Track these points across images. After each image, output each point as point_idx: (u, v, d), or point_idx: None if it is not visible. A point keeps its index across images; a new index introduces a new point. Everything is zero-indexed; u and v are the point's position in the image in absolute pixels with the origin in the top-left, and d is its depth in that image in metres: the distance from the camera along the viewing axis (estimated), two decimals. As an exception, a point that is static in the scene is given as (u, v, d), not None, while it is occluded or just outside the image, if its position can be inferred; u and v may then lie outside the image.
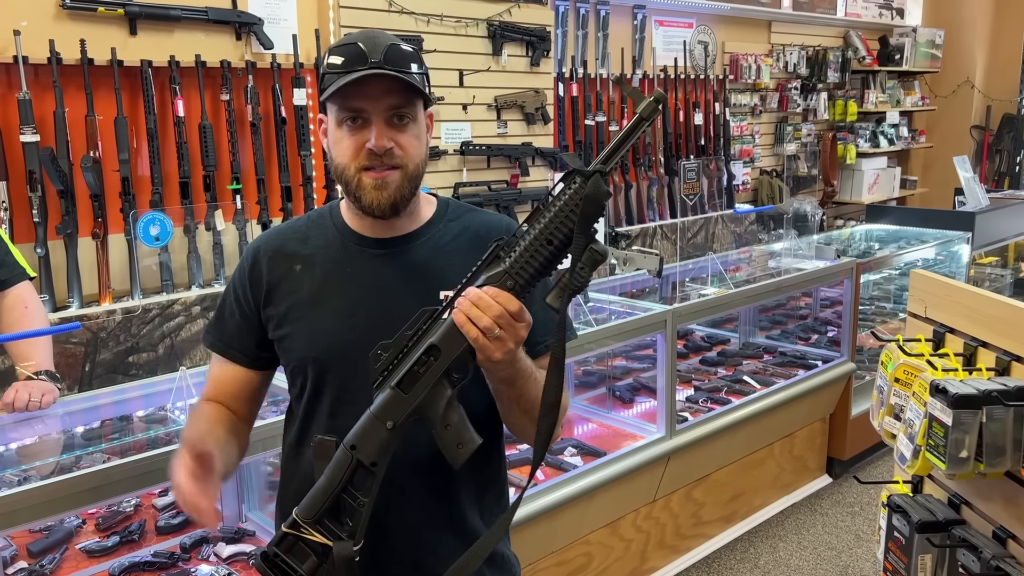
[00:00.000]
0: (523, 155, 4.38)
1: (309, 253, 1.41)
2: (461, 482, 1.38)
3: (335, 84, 1.28)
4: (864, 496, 3.91)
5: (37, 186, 2.95)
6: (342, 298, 1.37)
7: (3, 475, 1.96)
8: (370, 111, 1.29)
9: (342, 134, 1.31)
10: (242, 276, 1.45)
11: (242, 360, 1.46)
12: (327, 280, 1.39)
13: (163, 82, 3.26)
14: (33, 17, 2.96)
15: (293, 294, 1.40)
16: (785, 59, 6.25)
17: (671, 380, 3.06)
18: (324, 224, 1.45)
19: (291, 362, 1.41)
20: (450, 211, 1.46)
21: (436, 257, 1.39)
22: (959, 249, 5.00)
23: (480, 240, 1.40)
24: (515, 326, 1.15)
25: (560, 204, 1.14)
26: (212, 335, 1.48)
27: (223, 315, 1.47)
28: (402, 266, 1.38)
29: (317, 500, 1.20)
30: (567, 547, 2.81)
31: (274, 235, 1.47)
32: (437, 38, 3.97)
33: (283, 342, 1.40)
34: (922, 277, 1.78)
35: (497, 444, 1.47)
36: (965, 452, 1.36)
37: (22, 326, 2.19)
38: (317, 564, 1.20)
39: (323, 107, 1.36)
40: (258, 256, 1.44)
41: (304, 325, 1.38)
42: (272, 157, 3.57)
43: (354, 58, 1.28)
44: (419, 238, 1.41)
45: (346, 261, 1.40)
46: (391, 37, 1.33)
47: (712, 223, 5.55)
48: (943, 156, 7.31)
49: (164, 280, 3.27)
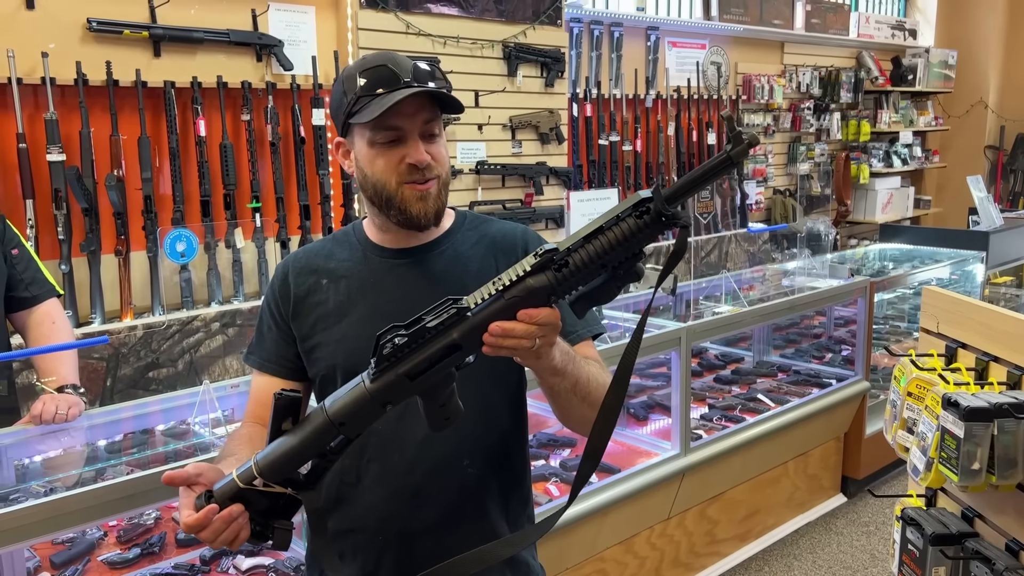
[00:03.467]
0: (537, 174, 4.43)
1: (334, 267, 1.46)
2: (485, 485, 1.41)
3: (376, 105, 1.30)
4: (879, 515, 3.89)
5: (62, 204, 3.02)
6: (367, 307, 1.41)
7: (29, 486, 2.00)
8: (406, 129, 1.33)
9: (376, 152, 1.35)
10: (273, 293, 1.50)
11: (282, 372, 1.49)
12: (351, 291, 1.43)
13: (185, 103, 3.33)
14: (61, 39, 3.04)
15: (320, 306, 1.44)
16: (798, 79, 6.28)
17: (685, 398, 3.08)
18: (348, 241, 1.50)
19: (320, 372, 1.44)
20: (468, 221, 1.51)
21: (455, 264, 1.44)
22: (973, 269, 5.00)
23: (497, 247, 1.46)
24: (548, 335, 1.13)
25: (626, 232, 1.08)
26: (254, 354, 1.52)
27: (262, 332, 1.52)
28: (424, 274, 1.43)
29: (287, 463, 1.15)
30: (582, 564, 2.82)
31: (301, 253, 1.53)
32: (453, 59, 4.03)
33: (312, 353, 1.44)
34: (935, 293, 1.80)
35: (518, 446, 1.49)
36: (977, 464, 1.37)
37: (49, 341, 2.24)
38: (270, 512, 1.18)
39: (345, 130, 1.39)
40: (287, 272, 1.49)
41: (331, 335, 1.42)
42: (291, 176, 3.63)
43: (386, 80, 1.31)
44: (439, 247, 1.45)
45: (369, 272, 1.44)
46: (405, 57, 1.38)
47: (726, 242, 5.57)
48: (957, 176, 7.31)
49: (185, 296, 3.32)
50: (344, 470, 1.39)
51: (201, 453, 2.10)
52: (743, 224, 5.67)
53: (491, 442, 1.42)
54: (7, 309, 2.26)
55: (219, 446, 2.12)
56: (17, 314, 2.27)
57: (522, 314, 1.09)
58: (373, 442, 1.37)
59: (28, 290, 2.26)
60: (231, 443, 1.45)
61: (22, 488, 1.99)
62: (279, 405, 1.17)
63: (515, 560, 1.46)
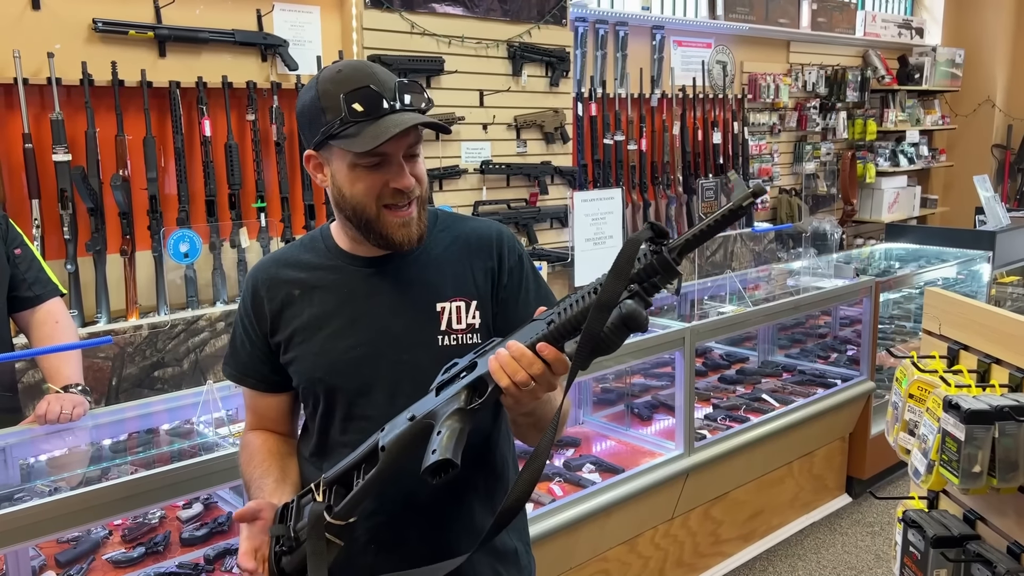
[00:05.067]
0: (542, 174, 4.42)
1: (304, 277, 1.44)
2: (471, 485, 1.42)
3: (367, 136, 1.27)
4: (884, 516, 3.89)
5: (68, 204, 3.03)
6: (342, 319, 1.40)
7: (34, 485, 2.01)
8: (391, 153, 1.31)
9: (357, 175, 1.32)
10: (246, 308, 1.48)
11: (260, 387, 1.51)
12: (325, 303, 1.42)
13: (191, 103, 3.34)
14: (66, 40, 3.05)
15: (295, 319, 1.43)
16: (804, 78, 6.27)
17: (689, 398, 3.08)
18: (317, 248, 1.47)
19: (300, 383, 1.45)
20: (440, 222, 1.49)
21: (430, 269, 1.42)
22: (980, 268, 4.98)
23: (472, 248, 1.45)
24: (551, 380, 1.15)
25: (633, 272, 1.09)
26: (229, 366, 1.53)
27: (236, 346, 1.51)
28: (397, 281, 1.41)
29: (337, 470, 1.27)
30: (585, 564, 2.82)
31: (269, 263, 1.50)
32: (458, 59, 4.04)
33: (291, 365, 1.44)
34: (937, 295, 1.80)
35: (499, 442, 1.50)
36: (978, 467, 1.37)
37: (53, 341, 2.24)
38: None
39: (320, 145, 1.34)
40: (257, 287, 1.47)
41: (308, 348, 1.41)
42: (296, 176, 3.64)
43: (372, 104, 1.28)
44: (412, 252, 1.42)
45: (342, 282, 1.42)
46: (389, 72, 1.35)
47: (731, 241, 5.56)
48: (963, 175, 7.29)
49: (190, 296, 3.33)
50: None
51: (205, 453, 2.11)
52: (748, 223, 5.66)
53: (474, 441, 1.42)
54: (10, 309, 2.26)
55: (223, 446, 2.14)
56: (20, 314, 2.28)
57: (540, 346, 1.13)
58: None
59: (31, 290, 2.27)
60: (257, 461, 1.46)
61: (27, 487, 2.00)
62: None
63: (501, 551, 1.46)
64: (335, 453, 1.39)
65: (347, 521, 1.23)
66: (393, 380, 1.37)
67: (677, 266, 1.07)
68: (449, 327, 1.39)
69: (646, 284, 1.08)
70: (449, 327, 1.39)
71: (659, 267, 1.07)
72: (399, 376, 1.37)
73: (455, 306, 1.40)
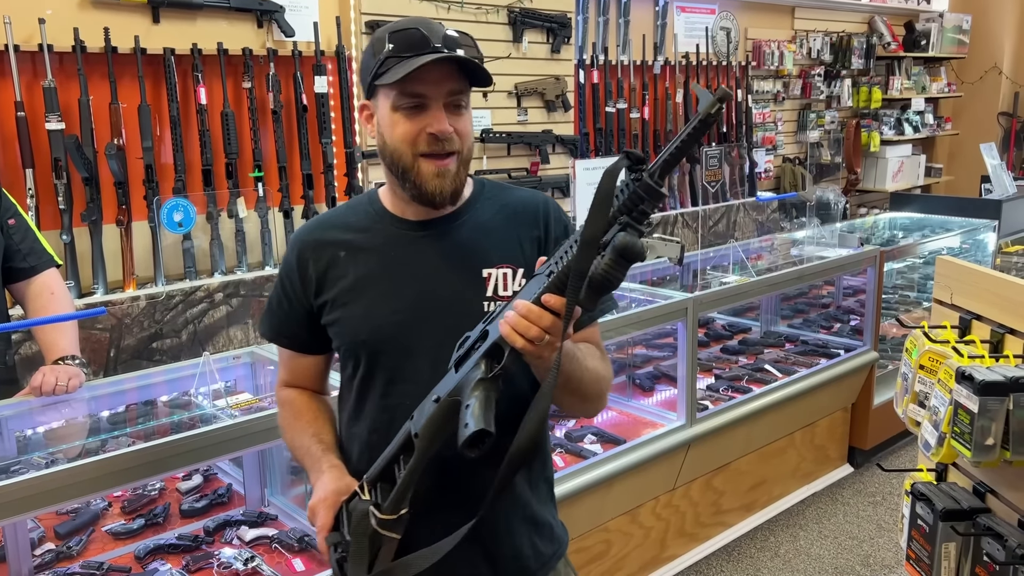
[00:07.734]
0: (543, 143, 4.37)
1: (350, 239, 1.43)
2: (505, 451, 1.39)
3: (402, 67, 1.27)
4: (886, 486, 3.88)
5: (62, 173, 2.98)
6: (388, 281, 1.39)
7: (31, 458, 2.00)
8: (430, 97, 1.30)
9: (398, 118, 1.32)
10: (289, 270, 1.47)
11: (293, 346, 1.52)
12: (371, 265, 1.41)
13: (185, 70, 3.28)
14: (58, 6, 2.98)
15: (341, 280, 1.41)
16: (808, 45, 6.18)
17: (692, 368, 3.05)
18: (364, 210, 1.47)
19: (343, 345, 1.44)
20: (487, 190, 1.48)
21: (477, 235, 1.41)
22: (985, 237, 4.94)
23: (518, 216, 1.44)
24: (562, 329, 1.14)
25: (618, 205, 1.08)
26: (265, 324, 1.55)
27: (272, 306, 1.52)
28: (445, 246, 1.40)
29: (377, 467, 1.29)
30: (586, 534, 2.82)
31: (314, 225, 1.49)
32: (457, 25, 3.93)
33: (334, 327, 1.43)
34: (948, 263, 1.76)
35: None
36: (991, 439, 1.34)
37: (48, 312, 2.22)
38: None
39: (370, 92, 1.36)
40: (302, 249, 1.46)
41: (352, 310, 1.40)
42: (293, 144, 3.58)
43: (416, 43, 1.28)
44: (459, 218, 1.42)
45: (390, 245, 1.41)
46: (441, 24, 1.34)
47: (734, 211, 5.51)
48: (969, 143, 7.21)
49: (187, 267, 3.30)
50: (372, 447, 1.37)
51: (204, 424, 2.09)
52: (752, 193, 5.61)
53: (509, 409, 1.39)
54: (5, 280, 2.23)
55: (221, 418, 2.12)
56: (16, 285, 2.25)
57: (546, 297, 1.12)
58: (396, 426, 1.32)
59: (26, 260, 2.24)
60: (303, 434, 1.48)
61: (23, 460, 1.99)
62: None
63: (539, 521, 1.48)
64: (372, 418, 1.41)
65: (398, 515, 1.24)
66: (436, 344, 1.34)
67: (660, 188, 1.05)
68: (495, 293, 1.38)
69: (635, 213, 1.07)
70: (495, 293, 1.38)
71: (643, 193, 1.06)
72: (443, 340, 1.32)
73: (502, 272, 1.39)
